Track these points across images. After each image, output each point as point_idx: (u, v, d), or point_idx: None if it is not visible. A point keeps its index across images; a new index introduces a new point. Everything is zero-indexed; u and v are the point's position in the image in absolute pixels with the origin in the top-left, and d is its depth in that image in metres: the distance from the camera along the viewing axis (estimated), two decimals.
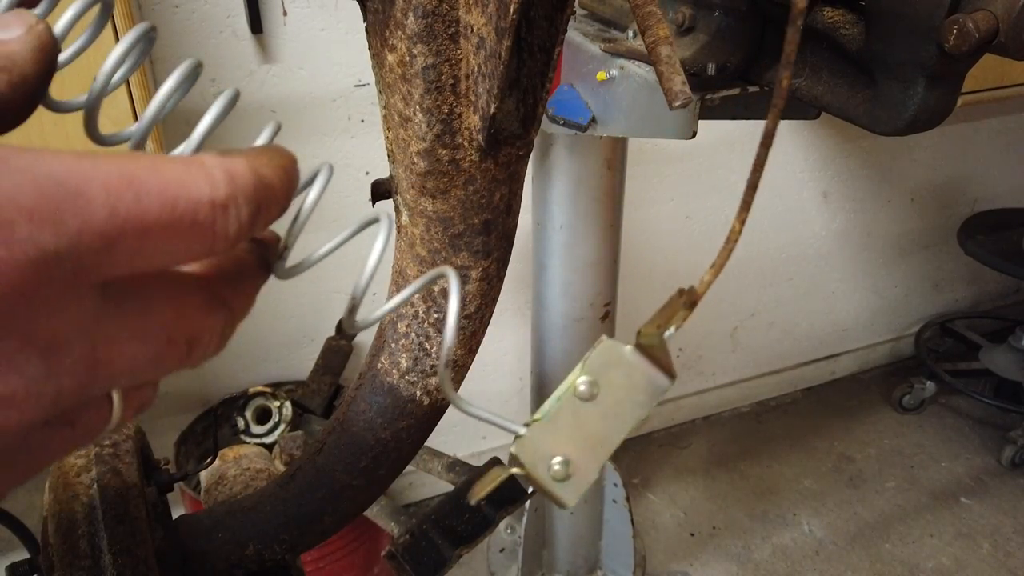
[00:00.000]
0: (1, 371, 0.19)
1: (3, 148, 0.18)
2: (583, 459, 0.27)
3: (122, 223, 0.19)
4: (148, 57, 0.29)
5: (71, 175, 0.19)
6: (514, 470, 0.28)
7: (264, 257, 0.26)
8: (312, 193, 0.27)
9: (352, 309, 0.27)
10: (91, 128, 0.27)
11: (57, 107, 0.27)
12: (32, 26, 0.24)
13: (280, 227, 0.27)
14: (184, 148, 0.25)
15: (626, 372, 0.28)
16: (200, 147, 0.25)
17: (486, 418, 0.28)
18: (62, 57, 0.27)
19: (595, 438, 0.27)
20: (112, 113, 1.11)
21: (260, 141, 0.27)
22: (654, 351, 0.28)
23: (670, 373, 0.28)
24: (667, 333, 0.28)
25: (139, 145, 0.27)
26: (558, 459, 0.27)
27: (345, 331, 0.30)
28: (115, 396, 0.24)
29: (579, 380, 0.28)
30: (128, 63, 0.28)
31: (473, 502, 0.31)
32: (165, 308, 0.22)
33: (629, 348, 0.28)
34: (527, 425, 0.28)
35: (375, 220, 0.27)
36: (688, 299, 0.29)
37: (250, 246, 0.26)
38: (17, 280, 0.18)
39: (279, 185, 0.23)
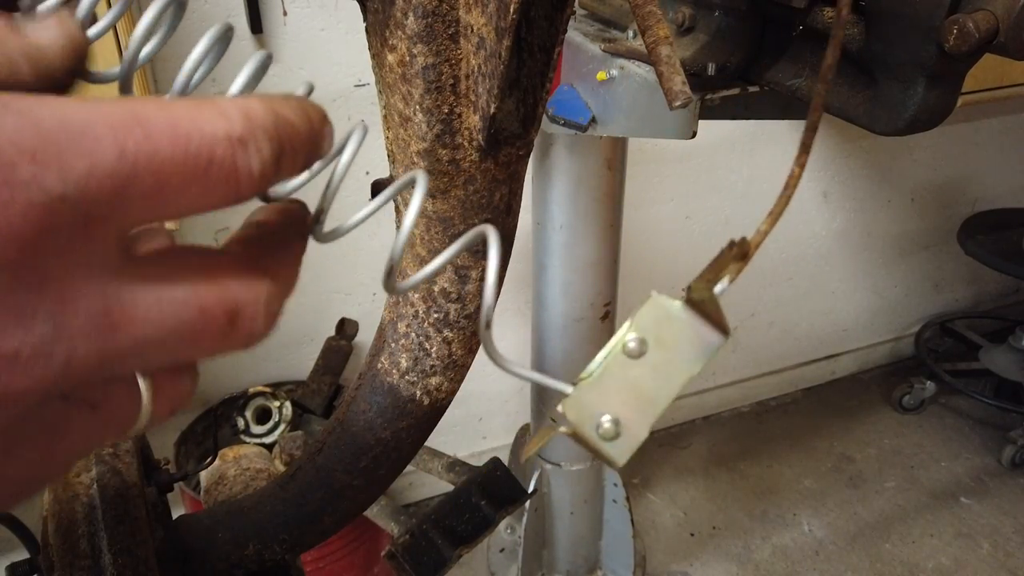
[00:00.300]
0: (3, 324, 0.17)
1: (2, 94, 0.17)
2: (633, 417, 0.26)
3: (132, 163, 0.18)
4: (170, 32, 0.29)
5: (75, 115, 0.18)
6: (563, 429, 0.27)
7: (300, 222, 0.25)
8: (346, 152, 0.26)
9: (391, 270, 0.27)
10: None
11: (92, 78, 0.27)
12: (66, 25, 0.23)
13: (313, 195, 0.26)
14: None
15: (676, 329, 0.27)
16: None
17: (531, 377, 0.28)
18: (91, 33, 0.27)
19: (645, 396, 0.27)
20: None
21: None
22: (705, 307, 0.27)
23: (723, 329, 0.27)
24: (719, 288, 0.27)
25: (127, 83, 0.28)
26: (607, 417, 0.26)
27: (386, 291, 0.30)
28: (142, 381, 0.22)
29: (628, 337, 0.27)
30: (161, 32, 0.28)
31: (523, 460, 0.30)
32: (194, 271, 0.21)
33: (679, 304, 0.27)
34: (575, 384, 0.27)
35: (413, 180, 0.27)
36: (740, 251, 0.28)
37: (284, 212, 0.25)
38: (20, 224, 0.17)
39: (301, 127, 0.22)
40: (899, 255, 2.60)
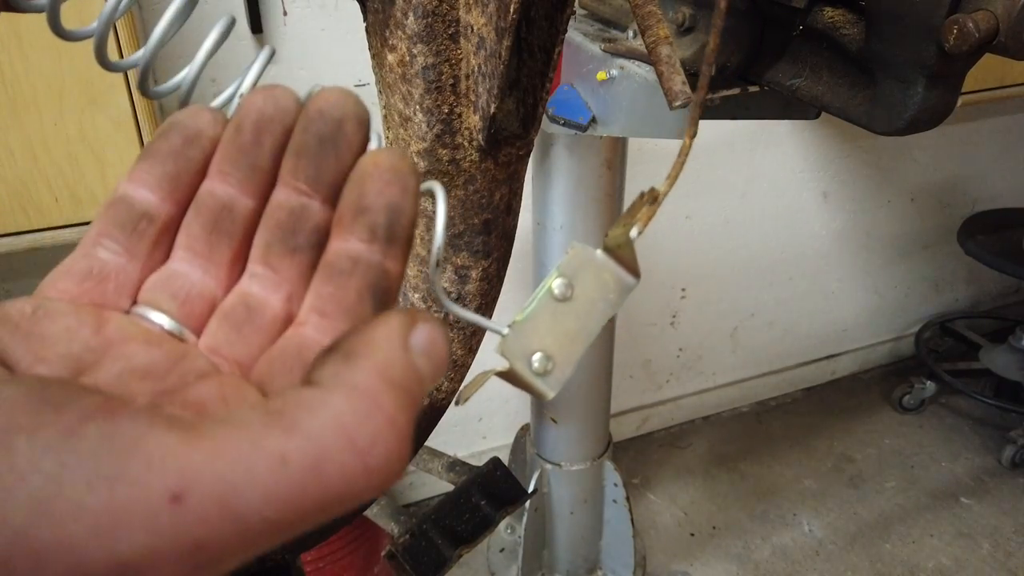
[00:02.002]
0: None
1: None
2: (561, 354, 0.29)
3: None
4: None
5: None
6: (499, 369, 0.29)
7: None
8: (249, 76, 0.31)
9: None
10: (101, 55, 0.29)
11: (69, 36, 0.29)
12: None
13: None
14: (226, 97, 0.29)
15: (596, 273, 0.30)
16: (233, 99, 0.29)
17: (470, 318, 0.30)
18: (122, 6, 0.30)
19: (571, 334, 0.29)
20: (114, 106, 1.11)
21: (252, 74, 0.30)
22: (621, 253, 0.30)
23: (635, 273, 0.30)
24: (632, 233, 0.30)
25: (188, 93, 0.30)
26: (538, 355, 0.29)
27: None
28: None
29: (554, 283, 0.30)
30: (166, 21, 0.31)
31: (459, 403, 0.32)
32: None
33: (599, 251, 0.30)
34: (510, 327, 0.30)
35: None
36: (651, 196, 0.31)
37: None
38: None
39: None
40: (899, 255, 2.60)
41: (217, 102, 0.31)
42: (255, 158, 0.25)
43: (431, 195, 0.27)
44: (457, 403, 0.32)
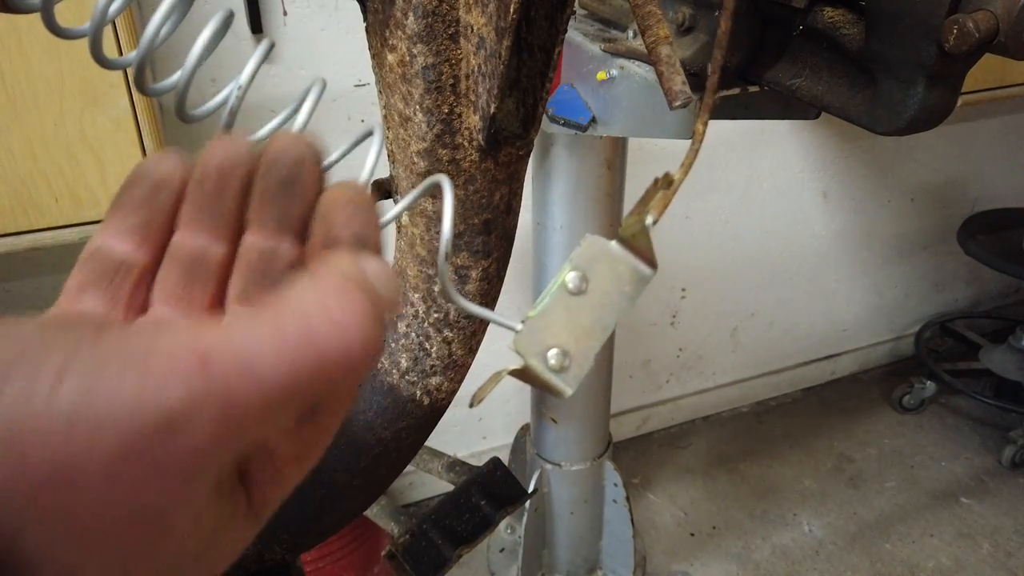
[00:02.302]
0: None
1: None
2: (578, 349, 0.28)
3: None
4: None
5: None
6: (511, 367, 0.29)
7: None
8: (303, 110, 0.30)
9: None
10: (96, 52, 0.29)
11: (64, 33, 0.29)
12: None
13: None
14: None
15: (611, 264, 0.29)
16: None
17: (483, 314, 0.30)
18: (113, 9, 0.29)
19: (587, 328, 0.28)
20: (112, 104, 1.11)
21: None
22: (636, 242, 0.29)
23: (652, 263, 0.30)
24: (648, 221, 0.29)
25: (184, 89, 0.30)
26: (554, 351, 0.28)
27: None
28: None
29: (568, 276, 0.29)
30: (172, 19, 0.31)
31: (473, 406, 0.32)
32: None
33: (613, 242, 0.29)
34: (523, 322, 0.29)
35: (370, 133, 0.29)
36: (665, 182, 0.30)
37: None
38: None
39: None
40: (899, 255, 2.60)
41: (216, 100, 0.31)
42: (221, 207, 0.27)
43: (431, 195, 0.27)
44: (471, 405, 0.32)
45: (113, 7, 0.29)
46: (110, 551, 0.19)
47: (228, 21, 0.30)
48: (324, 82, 0.30)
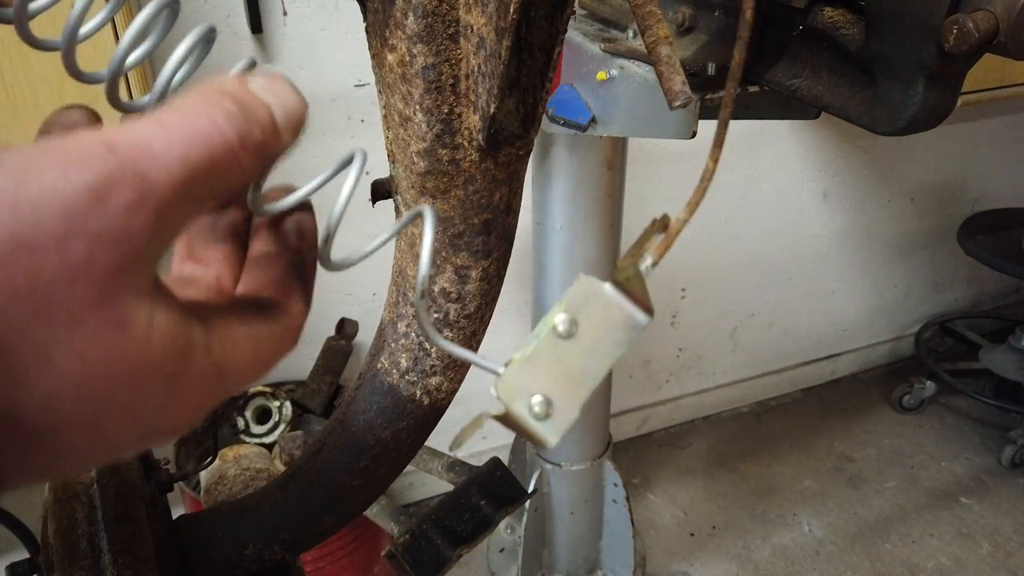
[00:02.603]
0: None
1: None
2: (563, 397, 0.27)
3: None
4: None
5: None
6: (493, 412, 0.27)
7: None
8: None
9: (327, 238, 0.28)
10: (69, 66, 0.28)
11: (38, 44, 0.29)
12: None
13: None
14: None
15: (604, 309, 0.27)
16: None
17: (462, 355, 0.29)
18: (86, 30, 0.29)
19: (575, 376, 0.27)
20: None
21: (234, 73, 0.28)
22: (631, 286, 0.28)
23: (647, 310, 0.28)
24: (643, 265, 0.28)
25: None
26: (538, 398, 0.27)
27: (321, 265, 0.30)
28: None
29: (557, 318, 0.27)
30: (149, 40, 0.30)
31: (452, 450, 0.31)
32: None
33: (607, 285, 0.28)
34: (506, 365, 0.27)
35: (350, 160, 0.29)
36: (661, 225, 0.29)
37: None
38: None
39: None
40: (899, 255, 2.60)
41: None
42: None
43: (430, 196, 0.27)
44: (451, 449, 0.31)
45: (86, 24, 0.29)
46: (76, 324, 0.20)
47: (210, 36, 0.29)
48: (253, 61, 0.29)
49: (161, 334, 0.23)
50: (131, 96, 0.31)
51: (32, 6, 0.28)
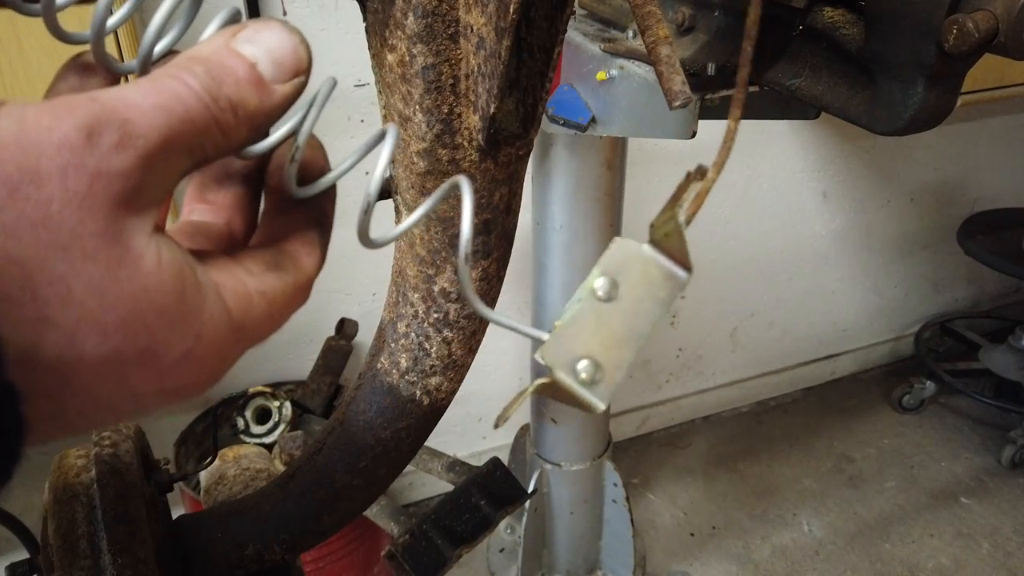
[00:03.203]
0: None
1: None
2: (610, 359, 0.26)
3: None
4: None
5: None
6: (539, 381, 0.27)
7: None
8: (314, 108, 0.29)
9: (367, 209, 0.28)
10: (99, 58, 0.29)
11: (68, 38, 0.29)
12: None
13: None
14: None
15: (643, 268, 0.27)
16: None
17: (508, 324, 0.28)
18: (112, 22, 0.29)
19: (619, 337, 0.26)
20: None
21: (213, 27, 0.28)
22: (669, 243, 0.27)
23: (686, 266, 0.27)
24: (680, 217, 0.27)
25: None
26: (584, 363, 0.26)
27: (360, 240, 0.30)
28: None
29: (597, 282, 0.27)
30: (174, 30, 0.31)
31: (498, 426, 0.30)
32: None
33: (644, 245, 0.27)
34: (551, 331, 0.27)
35: (383, 135, 0.29)
36: (698, 174, 0.29)
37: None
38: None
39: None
40: (899, 255, 2.60)
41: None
42: None
43: (429, 195, 0.27)
44: (496, 426, 0.30)
45: (113, 15, 0.28)
46: (87, 258, 0.21)
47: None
48: (334, 80, 0.29)
49: (172, 272, 0.23)
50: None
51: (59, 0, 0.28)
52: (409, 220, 0.30)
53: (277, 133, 0.29)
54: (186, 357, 0.24)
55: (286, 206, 0.31)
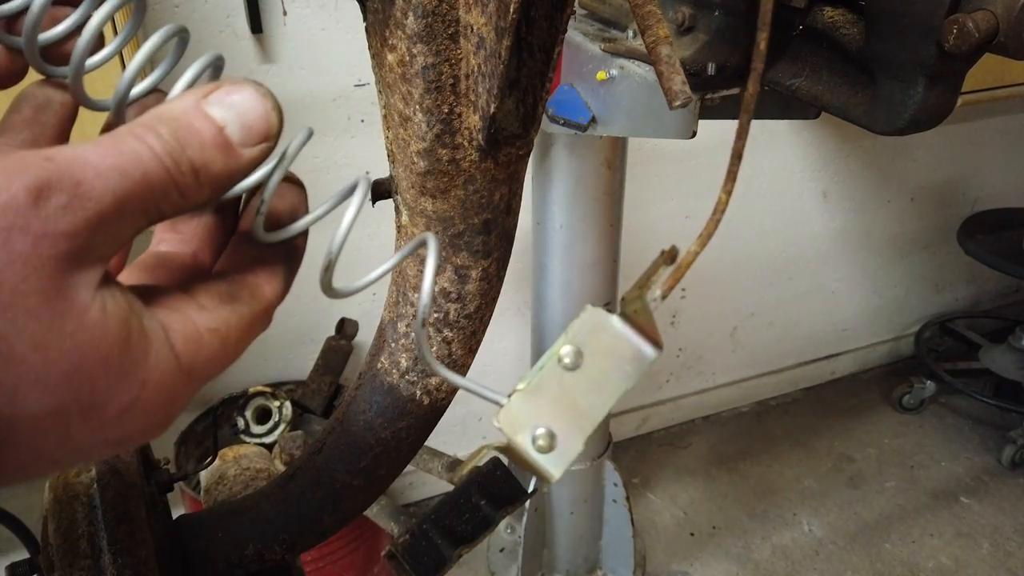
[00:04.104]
0: None
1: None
2: (567, 430, 0.26)
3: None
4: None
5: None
6: (496, 444, 0.27)
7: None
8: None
9: (328, 266, 0.28)
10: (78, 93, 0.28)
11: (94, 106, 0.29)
12: None
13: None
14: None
15: (610, 342, 0.27)
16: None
17: (464, 385, 0.28)
18: (94, 60, 0.28)
19: (580, 409, 0.26)
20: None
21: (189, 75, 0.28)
22: (639, 318, 0.27)
23: (656, 343, 0.27)
24: (651, 298, 0.27)
25: (120, 110, 0.29)
26: (541, 430, 0.26)
27: (323, 292, 0.30)
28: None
29: (563, 349, 0.27)
30: (159, 70, 0.31)
31: (455, 481, 0.30)
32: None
33: (614, 317, 0.27)
34: (510, 396, 0.27)
35: (354, 188, 0.28)
36: (669, 257, 0.28)
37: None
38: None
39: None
40: (899, 255, 2.60)
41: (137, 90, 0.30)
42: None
43: (431, 195, 0.26)
44: (452, 482, 0.30)
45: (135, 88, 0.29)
46: (30, 316, 0.21)
47: (183, 36, 0.29)
48: (310, 131, 0.29)
49: (117, 321, 0.23)
50: None
51: (88, 62, 0.28)
52: (374, 274, 0.29)
53: (244, 183, 0.28)
54: (132, 406, 0.24)
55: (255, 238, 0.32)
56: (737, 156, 0.28)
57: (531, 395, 0.26)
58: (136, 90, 0.28)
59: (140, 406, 0.24)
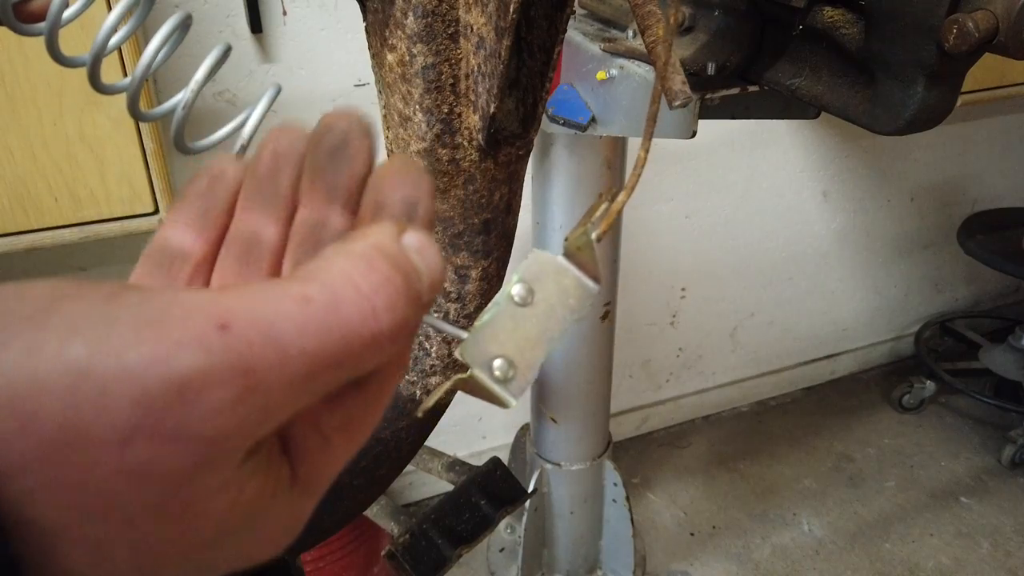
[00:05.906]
0: None
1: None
2: (522, 360, 0.29)
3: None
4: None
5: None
6: (457, 377, 0.29)
7: None
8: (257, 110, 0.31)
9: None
10: (94, 81, 0.29)
11: (66, 62, 0.30)
12: None
13: None
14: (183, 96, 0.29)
15: (556, 277, 0.30)
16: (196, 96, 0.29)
17: (429, 322, 0.30)
18: (69, 13, 0.29)
19: (532, 340, 0.29)
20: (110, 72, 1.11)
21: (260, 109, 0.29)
22: (582, 256, 0.30)
23: (595, 278, 0.30)
24: (592, 234, 0.30)
25: (135, 95, 0.30)
26: (499, 361, 0.28)
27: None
28: None
29: (514, 288, 0.29)
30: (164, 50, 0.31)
31: (419, 414, 0.32)
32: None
33: (559, 256, 0.30)
34: (469, 331, 0.29)
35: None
36: (609, 196, 0.32)
37: None
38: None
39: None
40: (899, 255, 2.60)
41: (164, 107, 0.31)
42: (274, 188, 0.27)
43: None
44: (418, 414, 0.32)
45: (111, 39, 0.29)
46: (133, 524, 0.18)
47: (186, 23, 0.30)
48: (278, 87, 0.30)
49: (244, 505, 0.20)
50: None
51: (65, 14, 0.29)
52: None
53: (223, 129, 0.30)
54: (241, 553, 0.23)
55: None
56: (651, 119, 0.30)
57: (488, 330, 0.29)
58: (112, 41, 0.30)
59: (253, 546, 0.23)
